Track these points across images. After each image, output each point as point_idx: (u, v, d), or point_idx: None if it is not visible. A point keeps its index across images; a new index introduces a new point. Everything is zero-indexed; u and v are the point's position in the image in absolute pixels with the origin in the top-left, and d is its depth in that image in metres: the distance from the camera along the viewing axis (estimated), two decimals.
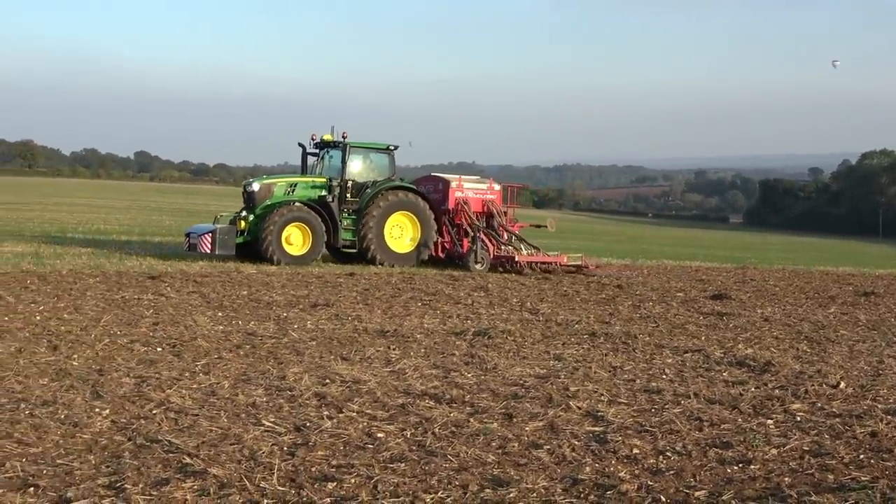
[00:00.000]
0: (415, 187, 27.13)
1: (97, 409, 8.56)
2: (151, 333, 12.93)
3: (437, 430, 8.37)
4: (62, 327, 12.98)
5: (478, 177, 29.60)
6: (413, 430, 8.35)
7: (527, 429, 8.57)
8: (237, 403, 9.08)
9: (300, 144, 27.28)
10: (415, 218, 26.15)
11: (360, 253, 25.80)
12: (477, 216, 27.25)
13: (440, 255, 27.15)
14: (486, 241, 26.65)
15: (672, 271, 31.00)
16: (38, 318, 13.73)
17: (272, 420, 8.50)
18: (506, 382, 10.66)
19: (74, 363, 10.64)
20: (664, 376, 11.51)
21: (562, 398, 9.88)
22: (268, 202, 25.16)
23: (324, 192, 25.61)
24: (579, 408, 9.47)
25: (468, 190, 27.67)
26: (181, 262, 23.42)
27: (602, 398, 10.00)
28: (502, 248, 27.10)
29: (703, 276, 28.84)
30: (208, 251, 23.80)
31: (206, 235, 23.88)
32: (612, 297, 20.78)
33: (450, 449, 7.75)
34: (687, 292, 22.79)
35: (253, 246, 24.64)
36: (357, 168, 26.42)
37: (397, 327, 14.51)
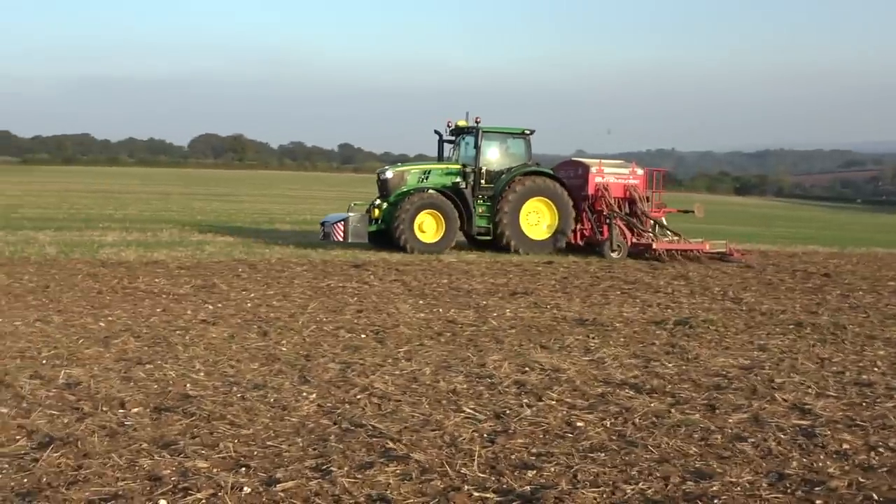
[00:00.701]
0: (552, 172, 26.33)
1: (304, 394, 8.84)
2: (356, 320, 13.27)
3: (637, 420, 8.28)
4: (271, 314, 13.48)
5: (621, 161, 28.48)
6: (613, 420, 8.28)
7: (730, 421, 8.38)
8: (438, 390, 9.21)
9: (436, 132, 26.94)
10: (552, 204, 25.45)
11: (495, 240, 25.33)
12: (619, 202, 26.34)
13: (579, 242, 26.35)
14: (624, 227, 25.83)
15: (883, 259, 29.70)
16: (249, 305, 14.30)
17: (472, 407, 8.58)
18: (708, 373, 10.45)
19: (283, 349, 11.03)
20: (876, 369, 11.04)
21: (767, 390, 9.61)
22: (402, 190, 25.03)
23: (458, 179, 25.29)
24: (785, 400, 9.19)
25: (609, 175, 26.62)
26: (383, 251, 23.91)
27: (809, 391, 9.67)
28: (644, 235, 26.01)
29: None
30: (341, 240, 23.95)
31: (338, 224, 24.02)
32: (819, 287, 20.07)
33: (650, 440, 7.65)
34: None
35: (387, 233, 24.58)
36: (492, 154, 25.90)
37: (596, 316, 14.43)
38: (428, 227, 24.40)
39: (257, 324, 12.62)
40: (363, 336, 12.10)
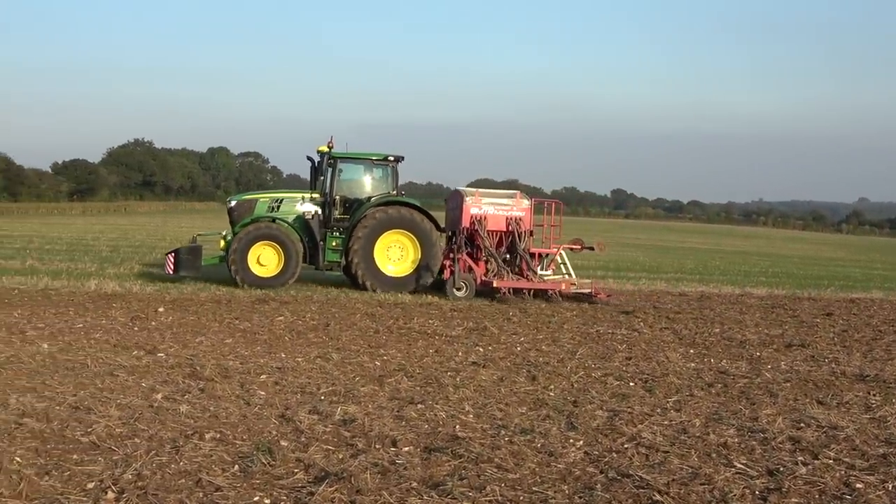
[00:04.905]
0: (415, 203, 23.50)
1: (571, 440, 8.84)
2: (624, 368, 13.17)
3: None
4: (540, 358, 13.57)
5: (511, 191, 24.97)
6: (895, 483, 7.85)
7: None
8: (708, 443, 9.00)
9: (308, 158, 24.66)
10: (414, 238, 22.84)
11: (348, 276, 23.43)
12: (503, 235, 23.53)
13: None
14: (471, 263, 22.88)
15: None
16: (518, 348, 14.47)
17: (744, 462, 8.34)
18: None
19: (551, 394, 11.08)
20: None
21: None
22: (246, 219, 22.86)
23: (313, 209, 23.18)
24: None
25: (487, 205, 23.55)
26: (650, 297, 23.60)
27: None
28: (503, 273, 22.64)
29: None
30: (171, 272, 22.22)
31: (169, 255, 22.44)
32: None
33: None
34: None
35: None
36: (349, 182, 23.76)
37: (878, 371, 13.71)
38: (267, 259, 22.18)
39: (526, 367, 12.75)
40: (631, 384, 12.00)
